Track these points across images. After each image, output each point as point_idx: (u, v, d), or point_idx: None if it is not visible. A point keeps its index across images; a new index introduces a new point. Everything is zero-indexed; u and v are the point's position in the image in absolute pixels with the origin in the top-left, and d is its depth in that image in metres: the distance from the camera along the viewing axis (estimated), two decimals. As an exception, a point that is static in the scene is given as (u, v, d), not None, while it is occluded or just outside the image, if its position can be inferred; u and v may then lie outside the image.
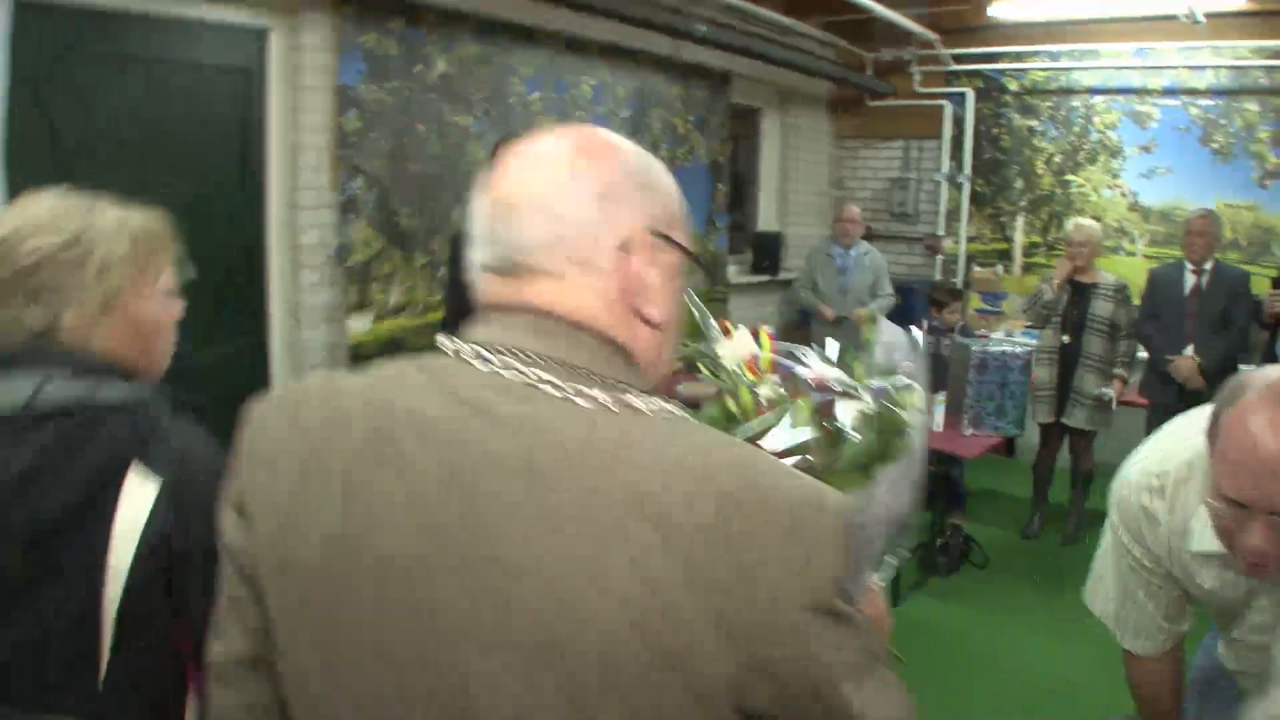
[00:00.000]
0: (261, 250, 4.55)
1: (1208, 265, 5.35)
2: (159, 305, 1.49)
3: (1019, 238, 7.88)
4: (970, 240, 8.08)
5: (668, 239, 0.98)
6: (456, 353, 0.92)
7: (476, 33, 5.14)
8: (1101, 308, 5.35)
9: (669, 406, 0.91)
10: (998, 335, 7.14)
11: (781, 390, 1.29)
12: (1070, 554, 5.38)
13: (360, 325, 4.75)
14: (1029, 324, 5.72)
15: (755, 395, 1.29)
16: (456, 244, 3.90)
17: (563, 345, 0.91)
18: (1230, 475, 1.40)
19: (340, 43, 4.52)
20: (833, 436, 1.22)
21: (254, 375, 4.53)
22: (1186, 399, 5.23)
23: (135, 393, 1.39)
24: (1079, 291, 5.42)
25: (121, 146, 3.89)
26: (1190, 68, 6.98)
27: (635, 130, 6.28)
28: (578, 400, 0.87)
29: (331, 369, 4.76)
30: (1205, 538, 1.59)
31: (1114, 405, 5.45)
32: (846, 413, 1.24)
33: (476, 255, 0.97)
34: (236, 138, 4.38)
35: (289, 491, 0.90)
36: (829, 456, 1.20)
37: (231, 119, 4.35)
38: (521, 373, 0.88)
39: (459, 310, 3.78)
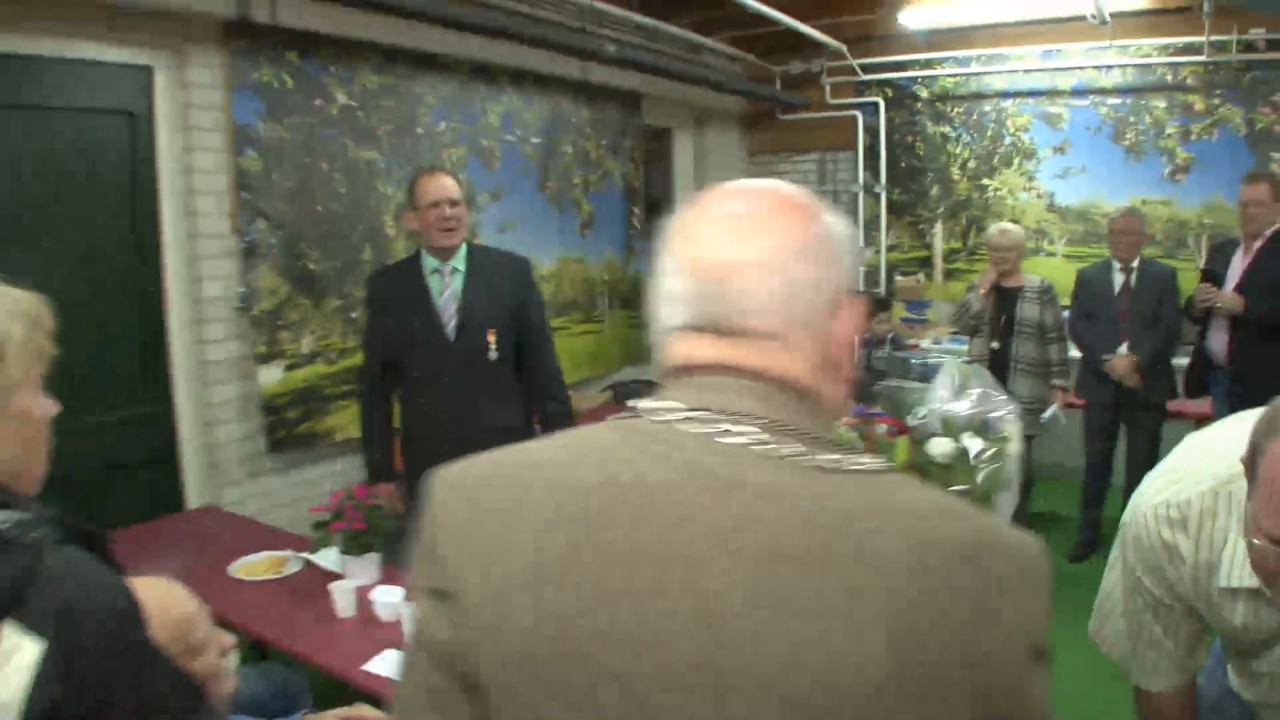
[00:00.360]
0: (159, 304, 4.25)
1: (1135, 263, 5.32)
2: (43, 402, 1.24)
3: (939, 244, 7.86)
4: (890, 249, 8.03)
5: (855, 293, 0.99)
6: (662, 418, 0.90)
7: (378, 63, 4.91)
8: (1029, 310, 5.28)
9: (865, 458, 0.90)
10: (926, 343, 7.10)
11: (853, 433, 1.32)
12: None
13: (272, 376, 4.48)
14: (955, 331, 5.63)
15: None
16: (375, 285, 3.67)
17: (776, 406, 0.90)
18: (1276, 513, 1.25)
19: (231, 79, 4.26)
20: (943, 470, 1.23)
21: (159, 438, 4.26)
22: (1123, 397, 5.21)
23: (15, 520, 1.07)
24: (1004, 296, 5.35)
25: (-3, 201, 3.61)
26: (1097, 68, 7.03)
27: (547, 156, 6.09)
28: (799, 461, 0.86)
29: (244, 423, 4.53)
30: (1237, 573, 1.44)
31: (1061, 420, 5.38)
32: (973, 448, 1.27)
33: (673, 316, 0.96)
34: (125, 185, 4.09)
35: (503, 575, 0.87)
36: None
37: (118, 166, 4.06)
38: (739, 435, 0.87)
39: (380, 354, 3.57)
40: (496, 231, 5.68)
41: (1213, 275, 4.97)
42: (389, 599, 2.73)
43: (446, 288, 3.55)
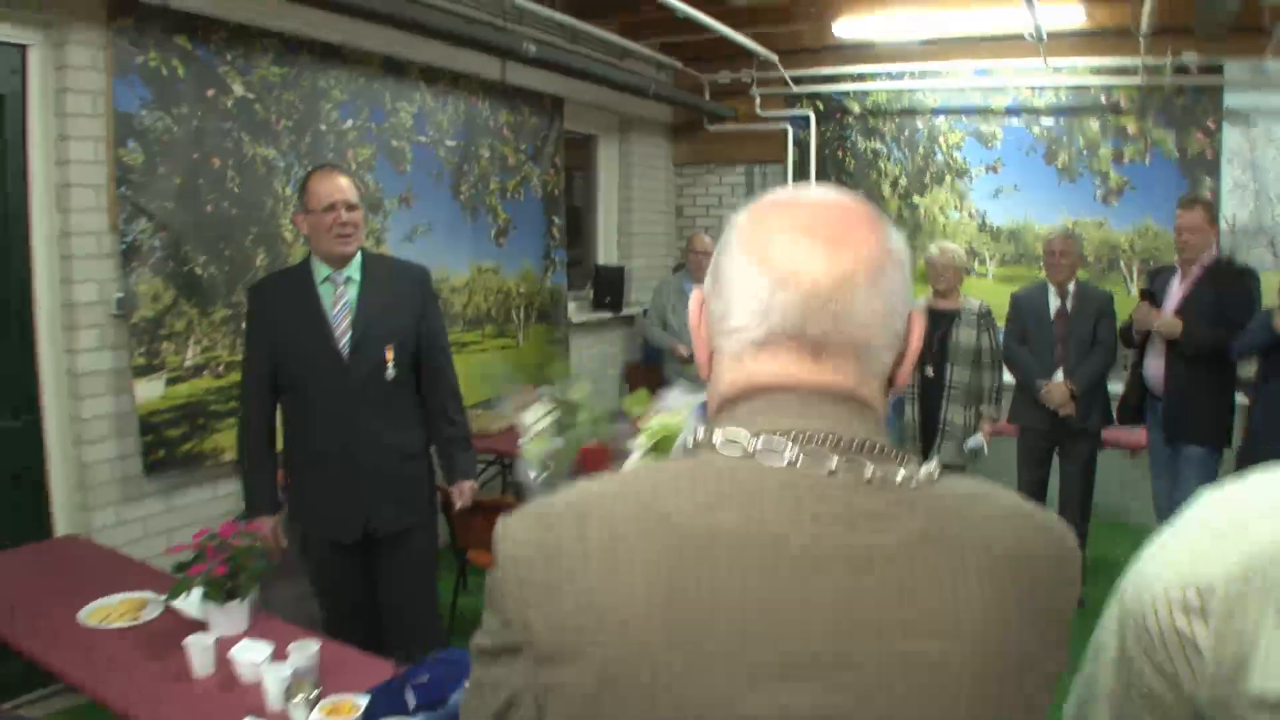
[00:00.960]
0: (27, 309, 3.87)
1: (1071, 286, 5.15)
2: None
3: None
4: None
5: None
6: (754, 448, 0.86)
7: (280, 53, 4.55)
8: (965, 335, 5.06)
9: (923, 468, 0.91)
10: None
11: None
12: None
13: (151, 391, 4.09)
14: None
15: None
16: (257, 296, 3.31)
17: (870, 426, 0.90)
18: None
19: (114, 63, 3.89)
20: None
21: (26, 456, 3.88)
22: (1057, 425, 5.02)
23: None
24: (939, 319, 5.10)
25: None
26: (1032, 87, 6.92)
27: (463, 160, 5.77)
28: (895, 479, 0.87)
29: (119, 441, 4.13)
30: (1274, 677, 1.16)
31: (985, 451, 5.17)
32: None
33: (754, 330, 0.90)
34: (-12, 176, 3.70)
35: (627, 623, 0.81)
36: None
37: (-19, 154, 3.67)
38: (841, 465, 0.86)
39: (263, 372, 3.21)
40: (405, 239, 5.35)
41: (1152, 296, 4.81)
42: (252, 657, 2.37)
43: (340, 299, 3.21)
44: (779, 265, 0.88)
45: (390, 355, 3.23)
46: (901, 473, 0.86)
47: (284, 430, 3.33)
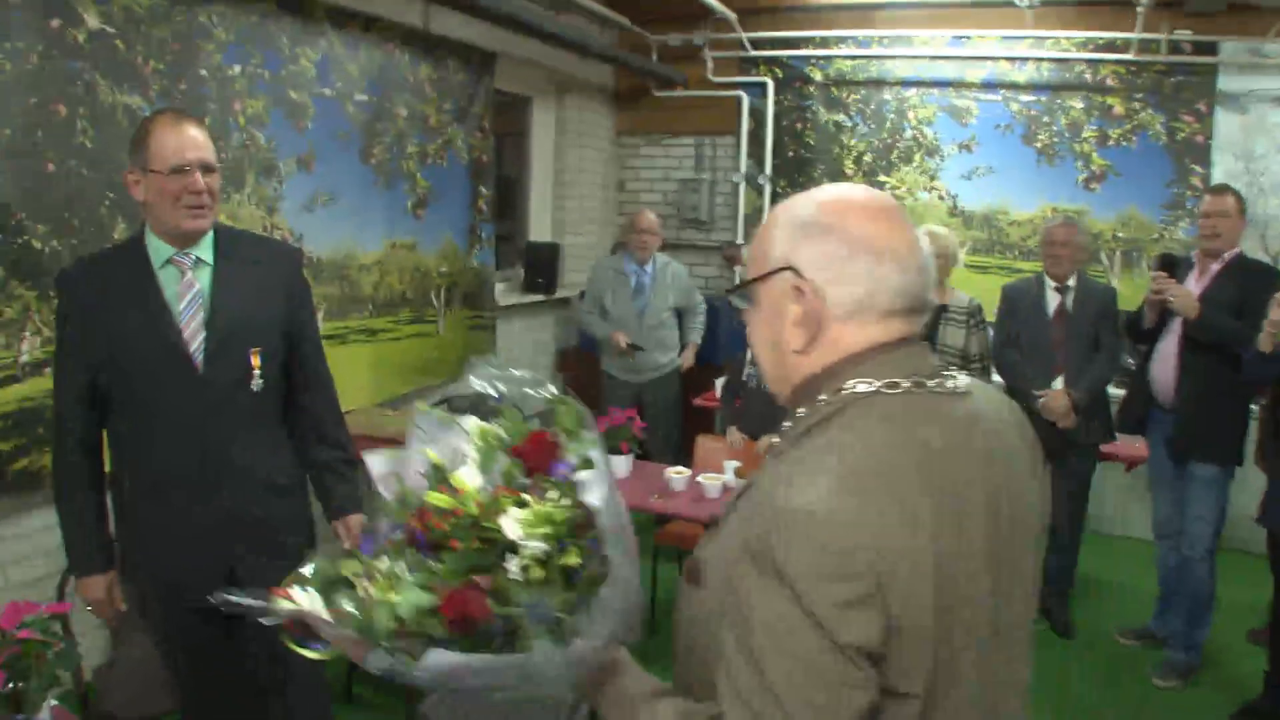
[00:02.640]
0: None
1: (1071, 281, 4.53)
2: None
3: None
4: None
5: None
6: (920, 383, 1.18)
7: (148, -21, 3.73)
8: (952, 335, 4.39)
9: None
10: None
11: None
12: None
13: (-27, 393, 3.29)
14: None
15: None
16: (71, 284, 2.47)
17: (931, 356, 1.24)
18: None
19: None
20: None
21: None
22: (1052, 438, 4.38)
23: None
24: (937, 317, 4.44)
25: None
26: (1011, 59, 6.35)
27: (375, 119, 4.97)
28: (962, 388, 1.22)
29: None
30: None
31: None
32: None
33: (880, 301, 1.17)
34: None
35: (934, 537, 1.06)
36: None
37: None
38: (959, 381, 1.23)
39: (82, 390, 2.42)
40: (303, 208, 4.56)
41: (1172, 262, 4.18)
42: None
43: (189, 289, 2.43)
44: (896, 252, 1.16)
45: (256, 361, 2.47)
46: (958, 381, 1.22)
47: (112, 458, 2.54)
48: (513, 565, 1.14)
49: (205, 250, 2.44)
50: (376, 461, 1.35)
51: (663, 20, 6.86)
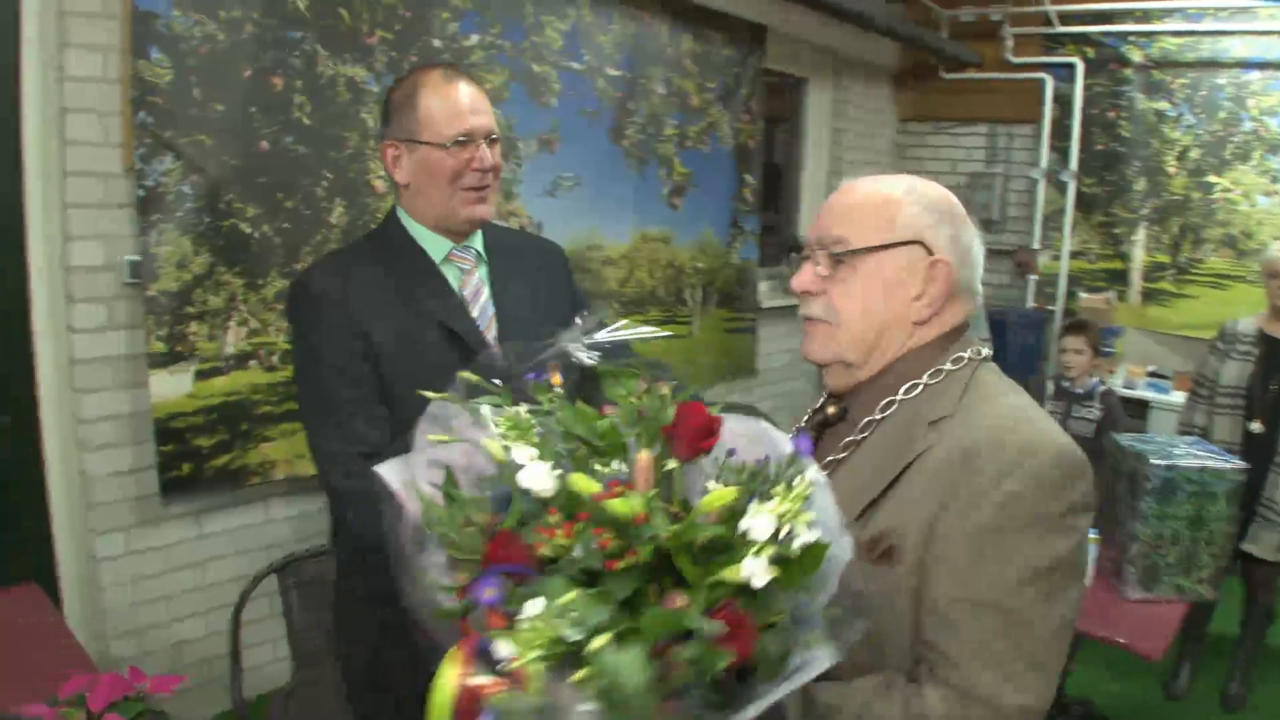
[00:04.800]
0: (20, 273, 2.91)
1: None
2: None
3: (1139, 256, 6.41)
4: (1074, 255, 6.59)
5: None
6: (979, 352, 1.34)
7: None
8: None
9: None
10: (1115, 382, 5.51)
11: None
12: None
13: (174, 386, 3.08)
14: (1197, 386, 3.88)
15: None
16: (326, 282, 1.86)
17: None
18: None
19: (133, -59, 2.84)
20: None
21: (19, 460, 2.98)
22: None
23: None
24: (1275, 352, 3.61)
25: None
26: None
27: (629, 97, 4.58)
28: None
29: (134, 449, 3.12)
30: None
31: None
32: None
33: (976, 284, 1.36)
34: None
35: None
36: None
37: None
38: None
39: (377, 420, 1.96)
40: (544, 193, 4.21)
41: None
42: None
43: (477, 295, 1.95)
44: (979, 240, 1.36)
45: (557, 379, 1.98)
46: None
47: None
48: (753, 570, 0.93)
49: (478, 243, 1.98)
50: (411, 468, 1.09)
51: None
